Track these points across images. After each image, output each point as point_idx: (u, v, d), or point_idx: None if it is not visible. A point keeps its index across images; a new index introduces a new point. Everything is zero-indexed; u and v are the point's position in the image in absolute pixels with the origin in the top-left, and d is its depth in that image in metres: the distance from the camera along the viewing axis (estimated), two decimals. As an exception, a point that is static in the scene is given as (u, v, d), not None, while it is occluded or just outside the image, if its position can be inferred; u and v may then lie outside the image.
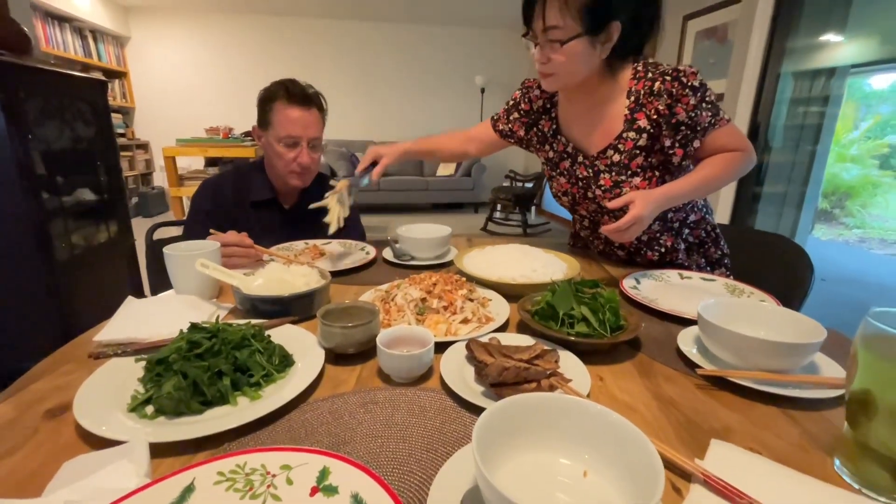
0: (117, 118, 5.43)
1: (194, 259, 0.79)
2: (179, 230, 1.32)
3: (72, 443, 0.47)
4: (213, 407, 0.52)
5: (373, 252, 1.14)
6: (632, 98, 0.97)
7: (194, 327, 0.59)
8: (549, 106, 1.13)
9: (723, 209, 2.79)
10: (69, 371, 0.61)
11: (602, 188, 1.02)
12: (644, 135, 0.96)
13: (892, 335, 0.39)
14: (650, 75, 0.94)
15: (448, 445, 0.47)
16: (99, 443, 0.45)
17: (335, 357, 0.64)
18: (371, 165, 1.11)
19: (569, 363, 0.61)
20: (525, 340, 0.67)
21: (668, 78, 0.91)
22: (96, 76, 2.30)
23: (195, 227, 1.18)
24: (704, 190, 0.94)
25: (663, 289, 0.92)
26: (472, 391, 0.55)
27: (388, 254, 1.14)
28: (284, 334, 0.68)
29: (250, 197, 1.30)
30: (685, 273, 0.99)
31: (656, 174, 0.98)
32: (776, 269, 1.14)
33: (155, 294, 1.32)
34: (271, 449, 0.42)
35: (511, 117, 1.19)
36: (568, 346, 0.64)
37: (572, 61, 0.90)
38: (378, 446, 0.47)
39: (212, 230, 1.01)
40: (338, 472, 0.39)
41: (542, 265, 0.93)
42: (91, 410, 0.49)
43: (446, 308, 0.74)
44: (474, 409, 0.52)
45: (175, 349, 0.54)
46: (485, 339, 0.63)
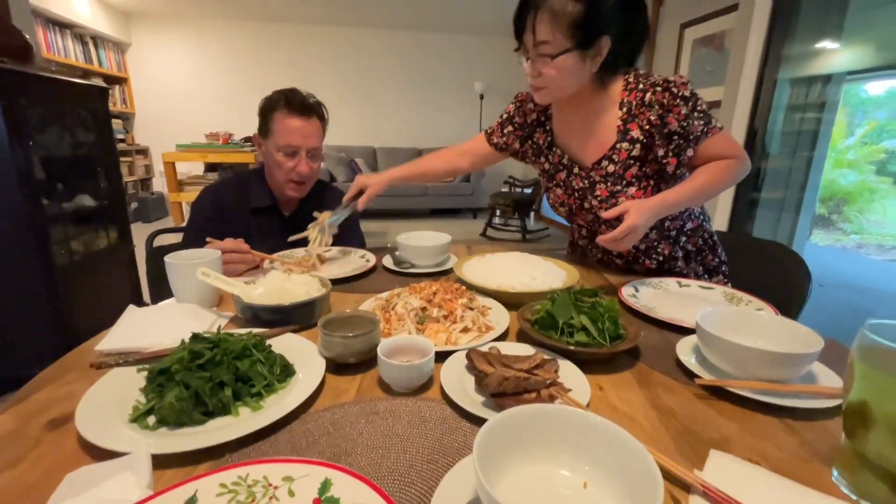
0: (117, 124, 5.45)
1: (195, 268, 0.79)
2: (179, 237, 1.33)
3: (74, 454, 0.47)
4: (215, 417, 0.52)
5: (373, 260, 1.14)
6: (624, 109, 0.98)
7: (196, 337, 0.59)
8: (544, 119, 1.14)
9: (721, 215, 2.80)
10: (71, 381, 0.61)
11: (598, 199, 1.03)
12: (637, 145, 0.97)
13: (889, 347, 0.39)
14: (641, 86, 0.96)
15: (449, 456, 0.47)
16: (101, 454, 0.45)
17: (336, 366, 0.64)
18: (357, 195, 1.16)
19: (568, 372, 0.61)
20: (525, 350, 0.67)
21: (659, 89, 0.92)
22: (97, 82, 2.30)
23: (195, 234, 1.19)
24: (700, 197, 0.95)
25: (662, 297, 0.92)
26: (473, 401, 0.55)
27: (388, 261, 1.14)
28: (285, 344, 0.68)
29: (250, 204, 1.31)
30: (683, 281, 0.99)
31: (651, 183, 0.99)
32: (774, 277, 1.15)
33: (155, 301, 1.33)
34: (273, 460, 0.42)
35: (505, 130, 1.20)
36: (567, 356, 0.65)
37: (563, 75, 0.91)
38: (379, 457, 0.47)
39: (208, 238, 1.01)
40: (339, 484, 0.40)
41: (542, 273, 0.93)
42: (93, 421, 0.49)
43: (446, 317, 0.74)
44: (475, 420, 0.53)
45: (177, 359, 0.54)
46: (485, 349, 0.63)
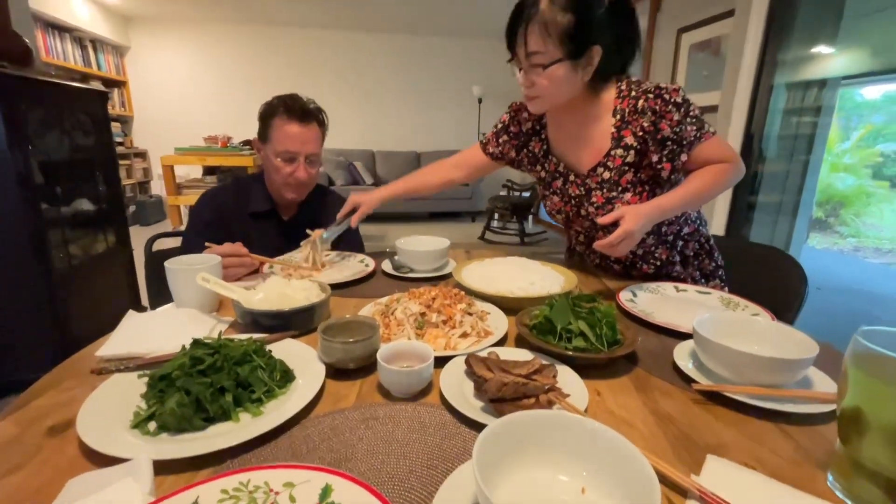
0: (116, 127, 5.45)
1: (195, 273, 0.80)
2: (178, 241, 1.33)
3: (75, 460, 0.47)
4: (216, 423, 0.52)
5: (372, 264, 1.15)
6: (617, 116, 0.99)
7: (197, 343, 0.59)
8: (539, 128, 1.15)
9: (718, 219, 2.81)
10: (71, 387, 0.61)
11: (594, 205, 1.04)
12: (632, 151, 0.98)
13: (881, 354, 0.40)
14: (634, 94, 0.97)
15: (448, 461, 0.47)
16: (102, 460, 0.45)
17: (335, 372, 0.64)
18: (350, 212, 1.17)
19: (567, 378, 0.62)
20: (523, 355, 0.67)
21: (651, 96, 0.94)
22: (96, 86, 2.31)
23: (195, 238, 1.19)
24: (695, 202, 0.96)
25: (659, 302, 0.93)
26: (472, 406, 0.55)
27: (387, 266, 1.14)
28: (285, 349, 0.68)
29: (249, 208, 1.31)
30: (681, 286, 1.00)
31: (646, 189, 1.00)
32: (771, 281, 1.16)
33: (153, 305, 1.33)
34: (274, 466, 0.43)
35: (500, 140, 1.21)
36: (566, 361, 0.65)
37: (555, 85, 0.92)
38: (379, 463, 0.47)
39: (207, 244, 1.02)
40: (340, 490, 0.40)
41: (541, 278, 0.94)
42: (94, 427, 0.49)
43: (445, 322, 0.74)
44: (474, 425, 0.53)
45: (178, 365, 0.55)
46: (484, 354, 0.64)
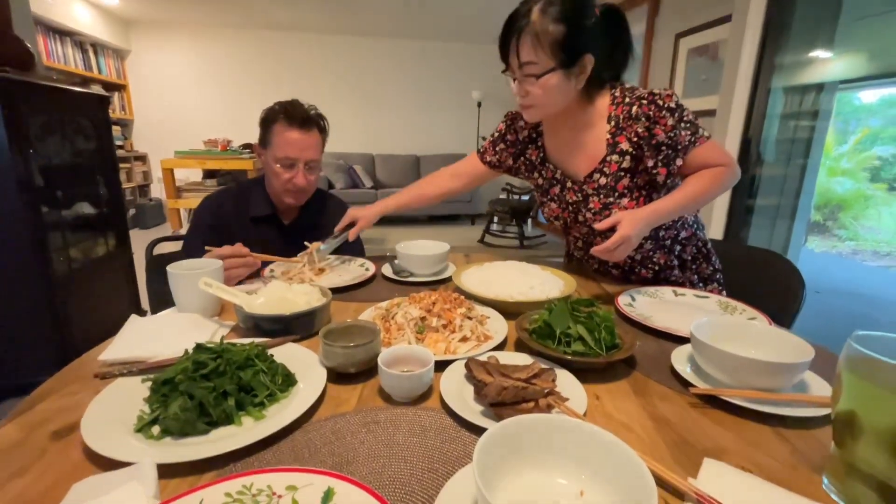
0: (116, 130, 5.46)
1: (197, 278, 0.80)
2: (179, 245, 1.34)
3: (80, 464, 0.48)
4: (219, 427, 0.53)
5: (372, 268, 1.15)
6: (612, 123, 1.00)
7: (199, 347, 0.60)
8: (535, 135, 1.16)
9: (717, 223, 2.82)
10: (75, 391, 0.61)
11: (592, 211, 1.04)
12: (627, 157, 0.99)
13: (874, 359, 0.40)
14: (628, 100, 0.98)
15: (448, 465, 0.48)
16: (107, 464, 0.46)
17: (337, 376, 0.65)
18: (348, 225, 1.19)
19: (566, 382, 0.62)
20: (523, 359, 0.68)
21: (645, 102, 0.95)
22: (96, 89, 2.32)
23: (196, 241, 1.20)
24: (691, 206, 0.97)
25: (658, 306, 0.94)
26: (472, 410, 0.56)
27: (388, 270, 1.15)
28: (286, 353, 0.69)
29: (250, 212, 1.32)
30: (679, 290, 1.01)
31: (643, 194, 1.01)
32: (769, 285, 1.16)
33: (154, 308, 1.34)
34: (277, 470, 0.43)
35: (497, 148, 1.22)
36: (565, 365, 0.66)
37: (549, 94, 0.94)
38: (380, 466, 0.48)
39: (207, 247, 1.02)
40: (342, 493, 0.40)
41: (540, 282, 0.94)
42: (99, 431, 0.50)
43: (445, 326, 0.75)
44: (474, 429, 0.54)
45: (181, 369, 0.55)
46: (483, 358, 0.64)
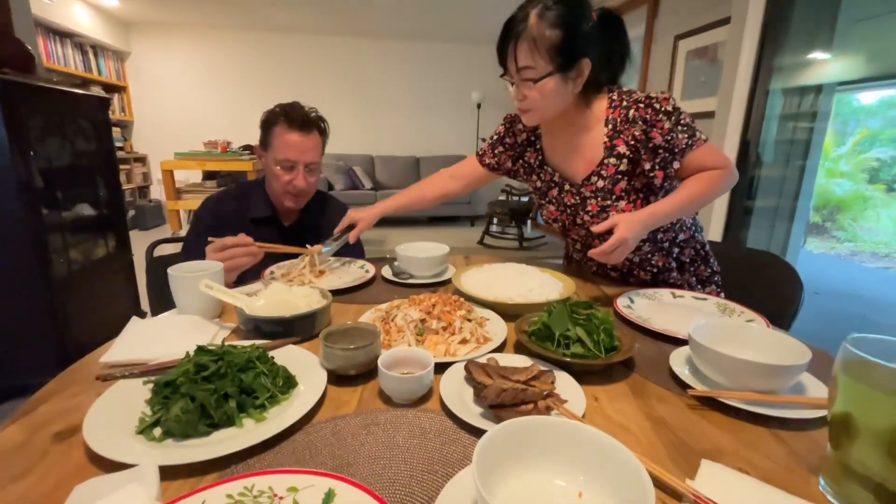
0: (116, 132, 5.46)
1: (198, 280, 0.81)
2: (179, 247, 1.35)
3: (82, 466, 0.48)
4: (220, 429, 0.53)
5: (372, 270, 1.16)
6: (610, 126, 1.01)
7: (201, 350, 0.60)
8: (534, 138, 1.16)
9: (716, 223, 2.83)
10: (76, 393, 0.62)
11: (590, 214, 1.05)
12: (624, 160, 0.99)
13: (869, 361, 0.41)
14: (625, 103, 0.98)
15: (448, 466, 0.48)
16: (109, 465, 0.46)
17: (337, 378, 0.65)
18: (348, 227, 1.19)
19: (565, 383, 0.63)
20: (522, 361, 0.68)
21: (642, 105, 0.95)
22: (96, 91, 2.33)
23: (195, 242, 1.21)
24: (688, 209, 0.97)
25: (656, 308, 0.94)
26: (471, 412, 0.56)
27: (387, 272, 1.15)
28: (287, 355, 0.69)
29: (250, 213, 1.32)
30: (678, 292, 1.01)
31: (640, 196, 1.01)
32: (767, 287, 1.17)
33: (154, 310, 1.34)
34: (278, 471, 0.44)
35: (496, 151, 1.23)
36: (564, 367, 0.66)
37: (547, 98, 0.94)
38: (381, 468, 0.48)
39: (211, 238, 1.03)
40: (343, 495, 0.41)
41: (539, 284, 0.95)
42: (100, 433, 0.50)
43: (445, 328, 0.75)
44: (473, 431, 0.54)
45: (182, 372, 0.56)
46: (483, 360, 0.65)
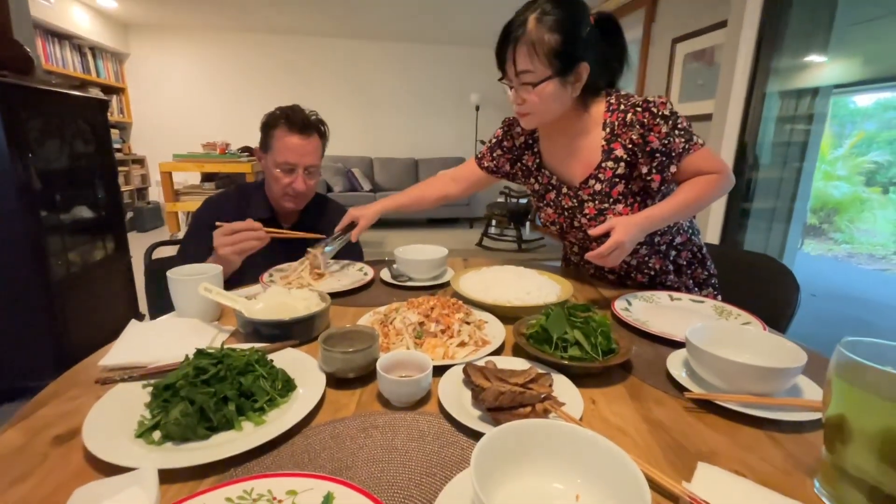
0: (114, 133, 5.46)
1: (197, 283, 0.81)
2: (176, 250, 1.35)
3: (81, 469, 0.48)
4: (219, 432, 0.53)
5: (371, 273, 1.16)
6: (607, 129, 1.01)
7: (200, 353, 0.61)
8: (532, 141, 1.17)
9: (713, 226, 2.84)
10: (75, 396, 0.62)
11: (587, 217, 1.06)
12: (622, 163, 1.00)
13: (863, 364, 0.41)
14: (622, 107, 0.99)
15: (446, 469, 0.49)
16: (108, 469, 0.46)
17: (336, 381, 0.66)
18: (348, 225, 1.20)
19: (562, 386, 0.63)
20: (520, 364, 0.69)
21: (639, 109, 0.96)
22: (95, 93, 2.33)
23: (194, 243, 1.21)
24: (685, 212, 0.98)
25: (654, 311, 0.94)
26: (470, 415, 0.57)
27: (386, 275, 1.16)
28: (286, 358, 0.69)
29: (249, 215, 1.32)
30: (675, 295, 1.02)
31: (637, 200, 1.02)
32: (763, 289, 1.17)
33: (153, 313, 1.34)
34: (277, 474, 0.44)
35: (495, 154, 1.24)
36: (561, 370, 0.67)
37: (545, 101, 0.95)
38: (379, 471, 0.48)
39: (218, 223, 1.04)
40: (342, 498, 0.41)
41: (537, 287, 0.95)
42: (100, 436, 0.50)
43: (443, 331, 0.76)
44: (472, 434, 0.54)
45: (182, 375, 0.56)
46: (481, 363, 0.65)
